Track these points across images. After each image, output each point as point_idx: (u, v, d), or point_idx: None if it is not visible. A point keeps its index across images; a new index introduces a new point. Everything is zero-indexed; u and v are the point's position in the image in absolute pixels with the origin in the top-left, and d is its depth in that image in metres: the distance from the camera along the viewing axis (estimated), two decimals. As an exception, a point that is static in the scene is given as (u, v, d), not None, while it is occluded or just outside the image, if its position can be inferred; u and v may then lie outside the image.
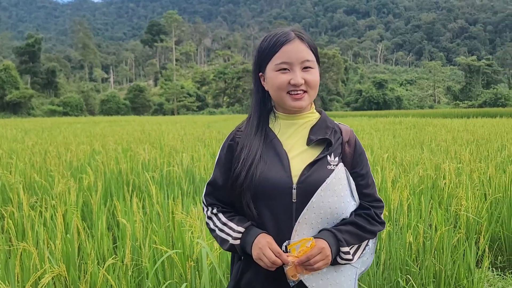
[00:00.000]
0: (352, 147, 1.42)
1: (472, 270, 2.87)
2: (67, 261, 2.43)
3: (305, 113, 1.42)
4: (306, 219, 1.30)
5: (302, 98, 1.35)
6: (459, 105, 67.77)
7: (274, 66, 1.34)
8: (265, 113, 1.44)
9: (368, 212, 1.40)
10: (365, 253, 1.44)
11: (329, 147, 1.37)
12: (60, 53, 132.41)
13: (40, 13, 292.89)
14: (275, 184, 1.31)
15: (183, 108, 76.05)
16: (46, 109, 64.71)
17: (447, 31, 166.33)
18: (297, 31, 1.37)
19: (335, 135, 1.41)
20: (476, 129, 13.31)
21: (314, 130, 1.39)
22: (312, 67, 1.35)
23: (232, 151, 1.42)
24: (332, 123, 1.45)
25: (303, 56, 1.33)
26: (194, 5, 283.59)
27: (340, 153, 1.39)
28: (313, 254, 1.26)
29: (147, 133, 14.40)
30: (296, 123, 1.41)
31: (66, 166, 5.98)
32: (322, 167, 1.33)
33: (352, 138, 1.43)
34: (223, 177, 1.42)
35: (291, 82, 1.32)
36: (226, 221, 1.40)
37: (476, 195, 3.91)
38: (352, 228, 1.35)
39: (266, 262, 1.27)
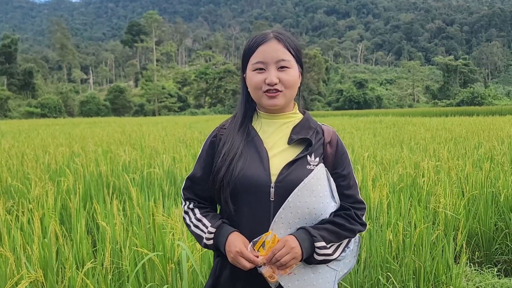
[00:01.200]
0: (334, 147, 1.42)
1: (451, 266, 2.92)
2: (45, 266, 2.38)
3: (287, 112, 1.43)
4: (283, 218, 1.30)
5: (276, 96, 1.35)
6: (437, 104, 69.11)
7: (251, 66, 1.37)
8: (250, 112, 1.46)
9: (348, 213, 1.39)
10: (346, 255, 1.42)
11: (309, 147, 1.37)
12: (37, 53, 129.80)
13: (16, 13, 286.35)
14: (254, 182, 1.32)
15: (164, 109, 75.44)
16: (23, 111, 63.30)
17: (425, 31, 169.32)
18: (277, 32, 1.38)
19: (316, 136, 1.41)
20: (454, 128, 13.58)
21: (296, 130, 1.40)
22: (288, 67, 1.36)
23: (214, 147, 1.43)
24: (315, 124, 1.46)
25: (277, 55, 1.34)
26: (174, 5, 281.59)
27: (322, 153, 1.39)
28: (277, 248, 1.26)
29: (128, 134, 14.23)
30: (277, 122, 1.42)
31: (44, 169, 5.86)
32: (302, 167, 1.34)
33: (334, 139, 1.43)
34: (203, 172, 1.43)
35: (266, 81, 1.33)
36: (200, 217, 1.41)
37: (454, 192, 3.99)
38: (330, 226, 1.35)
39: (243, 269, 1.29)
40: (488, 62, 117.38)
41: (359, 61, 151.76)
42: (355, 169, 5.00)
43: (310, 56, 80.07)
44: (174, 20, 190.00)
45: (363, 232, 1.48)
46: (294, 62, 1.38)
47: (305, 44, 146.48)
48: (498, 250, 3.71)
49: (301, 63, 1.43)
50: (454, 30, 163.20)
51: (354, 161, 6.04)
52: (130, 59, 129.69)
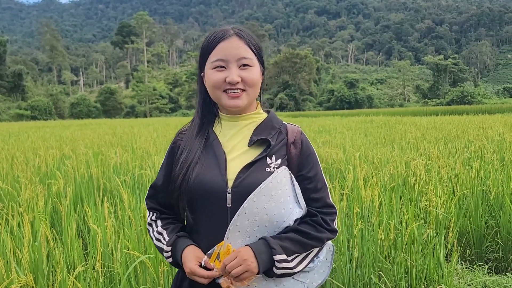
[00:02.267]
0: (299, 148, 1.32)
1: (442, 264, 2.94)
2: (35, 270, 2.36)
3: (249, 113, 1.34)
4: (238, 226, 1.20)
5: (239, 97, 1.26)
6: (427, 103, 69.73)
7: (210, 64, 1.28)
8: (208, 115, 1.38)
9: (315, 219, 1.28)
10: (316, 265, 1.32)
11: (268, 148, 1.28)
12: (26, 55, 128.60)
13: (5, 14, 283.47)
14: (210, 188, 1.24)
15: (155, 110, 75.17)
16: (13, 113, 62.64)
17: (415, 31, 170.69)
18: (238, 28, 1.30)
19: (279, 136, 1.32)
20: (444, 126, 13.69)
21: (258, 131, 1.31)
22: (250, 65, 1.27)
23: (173, 154, 1.36)
24: (279, 123, 1.36)
25: (239, 53, 1.25)
26: (165, 6, 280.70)
27: (285, 154, 1.29)
28: (228, 259, 1.16)
29: (119, 136, 14.14)
30: (239, 124, 1.33)
31: (34, 172, 5.80)
32: (260, 170, 1.24)
33: (298, 139, 1.33)
34: (164, 180, 1.37)
35: (227, 80, 1.24)
36: (161, 230, 1.34)
37: (445, 191, 4.01)
38: (294, 235, 1.23)
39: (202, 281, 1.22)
40: (478, 61, 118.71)
41: (350, 61, 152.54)
42: (346, 168, 5.02)
43: (301, 56, 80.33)
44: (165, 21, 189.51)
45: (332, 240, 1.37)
46: (256, 61, 1.29)
47: (295, 44, 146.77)
48: (489, 247, 3.74)
49: (263, 61, 1.35)
50: (443, 29, 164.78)
51: (346, 161, 6.06)
52: (120, 60, 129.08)
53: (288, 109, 73.53)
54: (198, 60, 1.35)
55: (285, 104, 75.10)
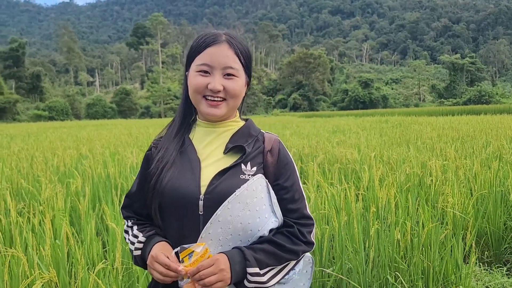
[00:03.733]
0: (276, 156, 1.28)
1: (460, 266, 2.91)
2: (57, 267, 2.42)
3: (226, 121, 1.31)
4: (211, 234, 1.16)
5: (218, 105, 1.24)
6: (443, 103, 68.73)
7: (195, 67, 1.24)
8: (188, 118, 1.35)
9: (291, 230, 1.24)
10: (292, 277, 1.27)
11: (243, 155, 1.25)
12: (44, 57, 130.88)
13: (23, 17, 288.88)
14: (182, 194, 1.20)
15: (170, 111, 75.68)
16: (32, 114, 63.83)
17: (431, 30, 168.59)
18: (229, 35, 1.27)
19: (255, 144, 1.29)
20: (461, 126, 13.51)
21: (234, 138, 1.28)
22: (235, 76, 1.24)
23: (148, 160, 1.33)
24: (257, 131, 1.33)
25: (226, 61, 1.23)
26: (179, 7, 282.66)
27: (261, 162, 1.26)
28: (204, 265, 1.10)
29: (135, 136, 14.30)
30: (216, 131, 1.30)
31: (53, 171, 5.92)
32: (234, 177, 1.21)
33: (275, 147, 1.29)
34: (138, 188, 1.33)
35: (209, 86, 1.22)
36: (137, 233, 1.29)
37: (462, 191, 3.97)
38: (269, 247, 1.19)
39: (157, 277, 1.15)
40: (495, 60, 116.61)
41: (364, 61, 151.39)
42: (361, 169, 5.00)
43: (315, 56, 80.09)
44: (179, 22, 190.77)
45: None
46: (242, 71, 1.26)
47: (309, 44, 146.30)
48: (508, 249, 3.69)
49: (250, 72, 1.31)
50: (460, 28, 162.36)
51: (361, 161, 6.04)
52: (135, 61, 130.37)
53: (301, 109, 73.35)
54: (185, 59, 1.33)
55: (298, 104, 74.93)
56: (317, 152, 7.50)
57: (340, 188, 3.69)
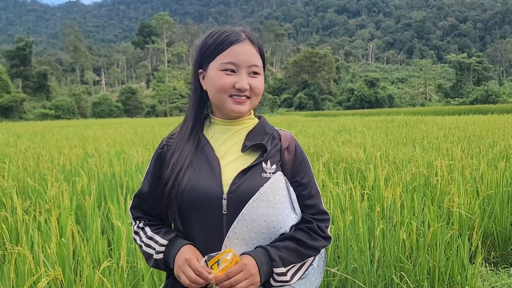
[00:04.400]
0: (292, 154, 1.29)
1: (466, 266, 2.90)
2: (62, 264, 2.43)
3: (243, 119, 1.31)
4: (237, 233, 1.16)
5: (244, 103, 1.24)
6: (450, 103, 68.32)
7: (219, 65, 1.22)
8: (201, 116, 1.33)
9: (310, 226, 1.25)
10: (310, 272, 1.28)
11: (264, 153, 1.25)
12: (51, 56, 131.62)
13: (30, 16, 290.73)
14: (204, 194, 1.19)
15: (175, 110, 75.87)
16: (38, 112, 64.27)
17: (438, 29, 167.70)
18: (248, 32, 1.27)
19: (273, 141, 1.29)
20: (468, 126, 13.42)
21: (251, 136, 1.28)
22: (259, 73, 1.26)
23: (161, 159, 1.30)
24: (272, 129, 1.33)
25: (251, 60, 1.23)
26: (185, 7, 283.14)
27: (279, 160, 1.27)
28: (233, 272, 1.10)
29: (140, 135, 14.35)
30: (232, 129, 1.30)
31: (59, 170, 5.95)
32: (257, 175, 1.21)
33: (292, 145, 1.31)
34: (150, 188, 1.30)
35: (236, 85, 1.21)
36: (152, 234, 1.26)
37: (468, 191, 3.95)
38: (291, 244, 1.21)
39: (185, 281, 1.13)
40: (503, 59, 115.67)
41: (370, 60, 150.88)
42: (367, 168, 4.98)
43: (321, 55, 79.89)
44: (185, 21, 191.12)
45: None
46: (261, 68, 1.28)
47: (315, 43, 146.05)
48: (514, 250, 3.67)
49: (265, 67, 1.33)
50: (467, 27, 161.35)
51: (366, 161, 6.01)
52: (141, 60, 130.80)
53: (307, 108, 73.20)
54: (197, 56, 1.30)
55: (304, 104, 74.81)
56: (323, 151, 7.48)
57: (346, 187, 3.68)
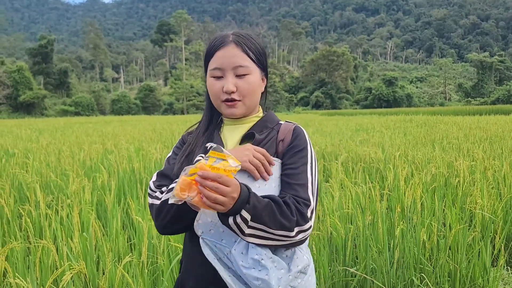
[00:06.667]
0: (287, 144, 1.26)
1: (488, 269, 2.85)
2: (85, 259, 2.48)
3: (249, 117, 1.34)
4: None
5: (235, 105, 1.26)
6: (470, 102, 67.03)
7: (209, 72, 1.28)
8: (215, 118, 1.38)
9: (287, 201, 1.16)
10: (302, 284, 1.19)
11: (258, 143, 1.26)
12: (71, 53, 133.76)
13: (52, 14, 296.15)
14: None
15: (192, 107, 76.37)
16: (59, 109, 65.49)
17: (459, 28, 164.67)
18: (237, 34, 1.27)
19: (270, 133, 1.30)
20: (489, 127, 13.16)
21: (250, 130, 1.31)
22: (246, 73, 1.25)
23: (176, 155, 1.36)
24: (274, 122, 1.34)
25: (234, 61, 1.24)
26: (203, 5, 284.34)
27: (274, 152, 1.26)
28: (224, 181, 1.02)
29: (158, 132, 14.50)
30: (239, 127, 1.34)
31: (80, 165, 6.06)
32: None
33: (288, 136, 1.28)
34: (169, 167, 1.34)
35: (223, 89, 1.25)
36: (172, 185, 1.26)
37: (491, 193, 3.88)
38: (270, 203, 1.12)
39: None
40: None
41: (388, 59, 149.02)
42: (386, 168, 4.93)
43: (338, 54, 79.29)
44: (203, 19, 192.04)
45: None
46: (254, 67, 1.27)
47: (333, 41, 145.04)
48: (538, 253, 3.58)
49: (264, 66, 1.32)
50: (489, 26, 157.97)
51: (385, 160, 5.96)
52: (159, 58, 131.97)
53: (324, 107, 72.81)
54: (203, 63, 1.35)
55: (321, 102, 74.39)
56: (340, 150, 7.43)
57: (365, 187, 3.65)
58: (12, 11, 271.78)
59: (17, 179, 4.93)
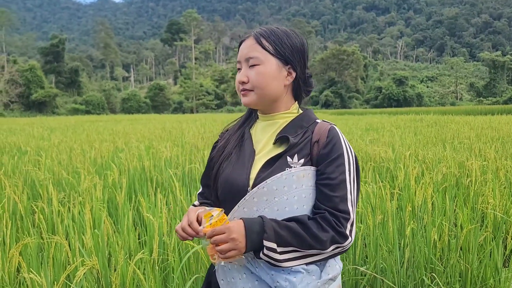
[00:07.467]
0: (321, 146, 1.22)
1: (499, 270, 2.83)
2: (96, 255, 2.51)
3: (279, 113, 1.30)
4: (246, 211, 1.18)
5: (246, 94, 1.27)
6: (482, 102, 66.30)
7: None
8: (253, 114, 1.40)
9: (321, 215, 1.14)
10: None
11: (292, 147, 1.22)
12: (82, 52, 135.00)
13: (63, 13, 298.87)
14: (233, 185, 1.23)
15: (202, 106, 76.59)
16: (70, 107, 66.12)
17: (471, 26, 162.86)
18: (261, 27, 1.29)
19: (305, 134, 1.25)
20: (501, 126, 13.00)
21: (285, 129, 1.27)
22: (257, 64, 1.24)
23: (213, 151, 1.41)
24: (310, 121, 1.29)
25: (247, 53, 1.25)
26: (213, 4, 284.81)
27: (308, 154, 1.22)
28: (217, 231, 1.08)
29: (168, 131, 14.57)
30: (270, 124, 1.31)
31: (91, 163, 6.12)
32: (280, 169, 1.19)
33: (323, 138, 1.22)
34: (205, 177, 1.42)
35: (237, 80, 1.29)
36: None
37: (503, 193, 3.84)
38: (295, 226, 1.12)
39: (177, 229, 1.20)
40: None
41: (399, 58, 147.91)
42: (397, 167, 4.91)
43: (348, 53, 78.89)
44: (213, 18, 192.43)
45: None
46: (267, 58, 1.23)
47: (343, 40, 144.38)
48: (550, 254, 3.54)
49: (287, 57, 1.26)
50: (501, 24, 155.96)
51: (395, 160, 5.92)
52: (169, 57, 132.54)
53: (333, 106, 72.51)
54: None
55: (330, 102, 74.10)
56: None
57: (375, 186, 3.64)
58: (24, 11, 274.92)
59: (30, 177, 5.00)
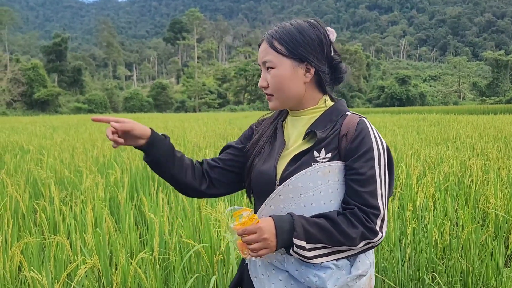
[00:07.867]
0: (350, 140, 1.20)
1: (501, 269, 2.82)
2: (98, 254, 2.51)
3: (307, 109, 1.30)
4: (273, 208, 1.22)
5: (270, 99, 1.30)
6: (485, 101, 66.06)
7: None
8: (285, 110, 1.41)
9: (351, 211, 1.15)
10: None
11: (319, 141, 1.21)
12: (85, 51, 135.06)
13: (66, 12, 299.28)
14: (263, 178, 1.27)
15: (204, 105, 76.56)
16: (72, 106, 66.18)
17: (474, 25, 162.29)
18: (273, 28, 1.28)
19: (333, 128, 1.24)
20: (504, 126, 12.96)
21: (314, 124, 1.26)
22: (272, 67, 1.25)
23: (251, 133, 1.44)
24: (339, 114, 1.28)
25: (262, 57, 1.27)
26: (215, 3, 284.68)
27: (336, 148, 1.21)
28: (248, 231, 1.11)
29: (170, 130, 14.58)
30: (299, 119, 1.31)
31: (93, 162, 6.13)
32: (307, 164, 1.19)
33: (352, 131, 1.20)
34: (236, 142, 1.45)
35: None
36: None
37: (505, 193, 3.83)
38: (324, 222, 1.13)
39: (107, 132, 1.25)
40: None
41: (401, 57, 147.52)
42: (399, 167, 4.90)
43: (351, 52, 78.77)
44: (215, 17, 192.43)
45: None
46: (280, 60, 1.23)
47: (345, 39, 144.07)
48: (552, 254, 3.53)
49: (300, 55, 1.23)
50: (505, 23, 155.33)
51: (398, 159, 5.91)
52: (172, 56, 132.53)
53: (336, 105, 72.15)
54: None
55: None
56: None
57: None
58: (27, 10, 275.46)
59: (32, 175, 5.02)
